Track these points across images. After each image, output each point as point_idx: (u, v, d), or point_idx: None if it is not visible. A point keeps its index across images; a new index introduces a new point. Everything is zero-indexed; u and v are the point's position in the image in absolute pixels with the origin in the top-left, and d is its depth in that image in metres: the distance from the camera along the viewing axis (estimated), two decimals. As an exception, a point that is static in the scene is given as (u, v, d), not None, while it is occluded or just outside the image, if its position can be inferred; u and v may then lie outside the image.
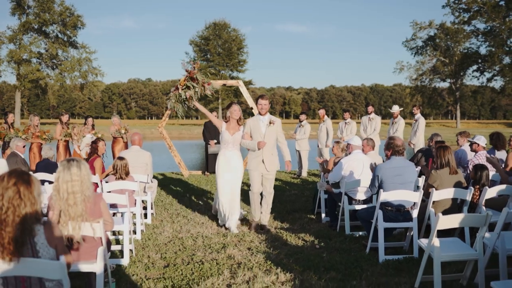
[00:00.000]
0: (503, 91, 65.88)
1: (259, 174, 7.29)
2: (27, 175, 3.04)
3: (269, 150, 7.23)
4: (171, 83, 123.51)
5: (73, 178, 3.85)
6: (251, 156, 7.34)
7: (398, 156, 5.90)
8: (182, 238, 6.77)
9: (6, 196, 2.93)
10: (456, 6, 64.04)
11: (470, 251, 4.60)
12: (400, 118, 13.28)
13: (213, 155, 14.13)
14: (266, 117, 7.30)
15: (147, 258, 5.76)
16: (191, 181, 12.81)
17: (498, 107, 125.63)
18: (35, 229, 2.97)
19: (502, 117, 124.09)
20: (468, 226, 5.09)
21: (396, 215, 5.74)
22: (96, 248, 4.04)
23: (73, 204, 3.82)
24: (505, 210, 4.29)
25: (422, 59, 70.23)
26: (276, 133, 7.33)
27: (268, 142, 7.18)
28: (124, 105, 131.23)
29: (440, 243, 4.46)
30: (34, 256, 2.94)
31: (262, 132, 7.22)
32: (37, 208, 3.01)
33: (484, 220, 4.35)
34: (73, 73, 58.83)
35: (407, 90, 75.80)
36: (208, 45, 69.72)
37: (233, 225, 7.19)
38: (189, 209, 8.95)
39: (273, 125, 7.26)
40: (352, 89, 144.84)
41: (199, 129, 34.87)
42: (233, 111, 7.35)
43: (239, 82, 14.58)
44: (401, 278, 4.99)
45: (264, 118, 7.30)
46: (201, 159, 21.46)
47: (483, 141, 7.46)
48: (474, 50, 66.56)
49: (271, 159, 7.26)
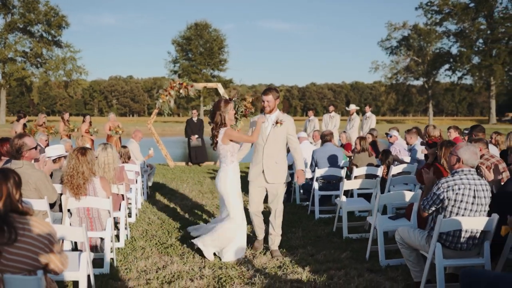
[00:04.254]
0: (472, 89, 69.08)
1: (259, 187, 6.02)
2: (84, 149, 5.23)
3: (272, 156, 5.88)
4: (153, 80, 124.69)
5: (108, 155, 6.07)
6: (251, 164, 6.08)
7: (329, 143, 8.17)
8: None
9: (72, 162, 5.13)
10: (429, 8, 66.88)
11: (368, 205, 6.89)
12: (356, 116, 15.56)
13: (195, 148, 16.39)
14: (273, 116, 5.96)
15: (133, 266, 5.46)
16: (176, 170, 14.96)
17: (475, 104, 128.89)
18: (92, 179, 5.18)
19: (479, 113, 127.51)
20: (364, 187, 7.32)
21: (327, 185, 8.03)
22: (119, 202, 6.22)
23: (107, 170, 6.03)
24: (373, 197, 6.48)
25: (396, 59, 73.19)
26: (286, 135, 5.96)
27: (272, 147, 5.89)
28: (105, 103, 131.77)
29: (348, 201, 6.74)
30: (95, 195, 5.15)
31: (265, 134, 5.91)
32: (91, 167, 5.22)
33: (374, 184, 6.62)
34: (58, 71, 60.30)
35: (382, 88, 78.64)
36: (190, 44, 71.73)
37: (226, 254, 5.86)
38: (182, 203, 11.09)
39: (281, 126, 5.88)
40: (332, 86, 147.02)
41: (181, 126, 36.88)
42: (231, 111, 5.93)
43: (218, 84, 16.72)
44: (328, 227, 7.26)
45: (271, 116, 5.96)
46: (184, 152, 23.50)
47: (396, 133, 9.79)
48: (446, 50, 69.64)
49: (274, 169, 5.90)
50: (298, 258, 5.87)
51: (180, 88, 15.02)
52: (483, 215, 4.39)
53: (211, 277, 5.18)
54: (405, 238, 4.78)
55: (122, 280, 5.08)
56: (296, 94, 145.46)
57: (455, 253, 4.42)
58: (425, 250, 4.56)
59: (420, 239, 4.62)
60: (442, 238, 4.39)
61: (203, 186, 11.71)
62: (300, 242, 6.49)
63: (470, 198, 4.33)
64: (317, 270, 5.38)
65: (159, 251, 6.15)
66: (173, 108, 15.68)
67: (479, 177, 4.46)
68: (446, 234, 4.37)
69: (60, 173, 5.83)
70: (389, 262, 5.52)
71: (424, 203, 4.54)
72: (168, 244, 6.43)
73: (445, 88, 76.42)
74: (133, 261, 5.70)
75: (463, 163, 4.42)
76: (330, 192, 8.13)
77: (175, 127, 53.49)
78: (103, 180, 5.46)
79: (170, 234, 6.98)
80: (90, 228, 5.35)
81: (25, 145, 5.10)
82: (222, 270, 5.38)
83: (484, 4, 61.14)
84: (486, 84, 64.14)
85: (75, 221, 5.36)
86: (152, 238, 6.76)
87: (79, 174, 5.19)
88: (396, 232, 4.93)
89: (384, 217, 6.10)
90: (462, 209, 4.34)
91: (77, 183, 5.18)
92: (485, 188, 4.41)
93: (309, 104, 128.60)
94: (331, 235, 6.93)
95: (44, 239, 2.86)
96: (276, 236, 6.09)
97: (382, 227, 5.64)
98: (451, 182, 4.37)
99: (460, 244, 4.39)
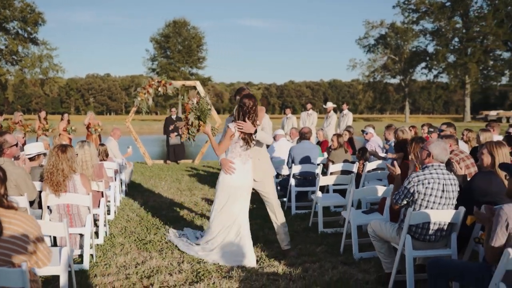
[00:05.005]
0: (448, 87, 70.24)
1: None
2: (64, 146, 5.29)
3: (255, 155, 5.73)
4: (131, 78, 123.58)
5: (85, 152, 6.11)
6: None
7: (306, 140, 8.34)
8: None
9: (52, 159, 5.18)
10: (406, 7, 67.74)
11: (343, 200, 7.07)
12: (332, 113, 15.79)
13: (173, 145, 16.43)
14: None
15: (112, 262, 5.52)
16: (154, 168, 14.98)
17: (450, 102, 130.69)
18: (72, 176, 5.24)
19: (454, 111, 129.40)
20: (339, 183, 7.51)
21: (304, 182, 8.20)
22: (98, 199, 6.28)
23: (85, 168, 6.07)
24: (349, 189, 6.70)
25: (374, 57, 73.99)
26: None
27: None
28: (82, 101, 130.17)
29: (324, 196, 6.91)
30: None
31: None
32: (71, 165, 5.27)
33: (349, 179, 6.80)
34: (34, 69, 59.47)
35: (360, 86, 79.41)
36: (168, 42, 71.41)
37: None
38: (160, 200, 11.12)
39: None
40: (311, 84, 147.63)
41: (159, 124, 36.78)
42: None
43: (197, 82, 16.81)
44: (304, 222, 7.43)
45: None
46: (162, 151, 23.49)
47: (371, 130, 10.02)
48: (422, 48, 70.69)
49: (260, 166, 5.79)
50: (274, 252, 6.02)
51: (158, 86, 15.05)
52: (451, 208, 4.59)
53: (189, 271, 5.30)
54: (377, 231, 4.96)
55: (102, 275, 5.16)
56: (275, 92, 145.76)
57: (424, 245, 4.61)
58: (395, 242, 4.75)
59: (391, 231, 4.81)
60: (412, 230, 4.57)
61: (181, 183, 11.78)
62: (276, 237, 6.63)
63: (439, 192, 4.52)
64: (293, 263, 5.54)
65: (138, 247, 6.23)
66: (151, 106, 15.69)
67: (448, 172, 4.66)
68: (416, 226, 4.56)
69: (39, 171, 5.88)
70: (362, 255, 5.71)
71: (396, 197, 4.72)
72: (147, 240, 6.52)
73: (421, 86, 77.40)
74: (112, 257, 5.78)
75: (433, 158, 4.61)
76: (307, 188, 8.31)
77: (153, 125, 53.17)
78: (83, 177, 5.53)
79: (149, 230, 7.06)
80: (70, 225, 5.41)
81: (6, 142, 5.14)
82: (201, 265, 5.50)
83: (460, 3, 62.24)
84: (461, 83, 65.23)
85: (55, 217, 5.42)
86: (131, 235, 6.83)
87: (59, 171, 5.24)
88: (368, 225, 5.11)
89: (358, 211, 6.29)
90: (431, 202, 4.52)
91: (56, 180, 5.23)
92: (453, 183, 4.61)
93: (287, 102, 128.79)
94: (307, 230, 7.10)
95: (29, 233, 2.95)
96: (283, 235, 5.92)
97: (356, 221, 5.83)
98: (421, 176, 4.55)
99: (429, 236, 4.58)
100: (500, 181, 4.78)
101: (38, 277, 3.24)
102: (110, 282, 4.95)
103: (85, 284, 4.89)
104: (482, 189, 4.86)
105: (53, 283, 4.79)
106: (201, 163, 16.51)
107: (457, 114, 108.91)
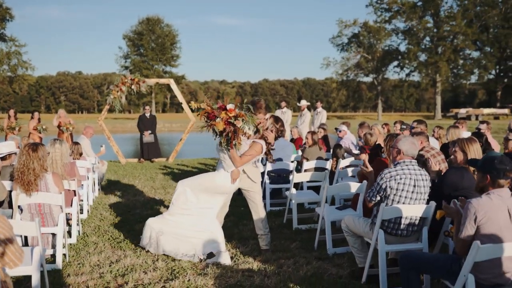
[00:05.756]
0: (419, 86, 71.43)
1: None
2: (35, 145, 5.20)
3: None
4: (103, 76, 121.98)
5: (56, 151, 6.02)
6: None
7: (280, 138, 8.34)
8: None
9: (23, 158, 5.09)
10: (378, 6, 68.68)
11: (317, 196, 7.13)
12: (306, 111, 15.87)
13: (147, 144, 16.30)
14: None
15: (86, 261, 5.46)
16: (128, 167, 14.85)
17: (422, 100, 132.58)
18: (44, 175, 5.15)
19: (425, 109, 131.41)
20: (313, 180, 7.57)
21: (278, 179, 8.25)
22: (71, 198, 6.20)
23: (55, 167, 5.98)
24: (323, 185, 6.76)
25: (347, 55, 74.72)
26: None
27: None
28: (53, 99, 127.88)
29: (298, 193, 6.96)
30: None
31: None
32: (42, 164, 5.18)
33: (323, 176, 6.87)
34: (2, 66, 58.18)
35: (334, 84, 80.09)
36: (142, 40, 70.76)
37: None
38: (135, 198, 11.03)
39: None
40: (285, 82, 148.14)
41: (133, 122, 36.44)
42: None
43: (170, 80, 16.68)
44: (278, 219, 7.47)
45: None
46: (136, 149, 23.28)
47: (345, 128, 10.14)
48: (395, 47, 71.77)
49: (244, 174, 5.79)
50: (249, 249, 6.04)
51: (131, 84, 14.90)
52: (423, 203, 4.68)
53: (164, 269, 5.28)
54: (350, 226, 5.03)
55: (75, 274, 5.10)
56: (249, 90, 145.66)
57: (396, 239, 4.69)
58: (368, 237, 4.82)
59: (364, 226, 4.89)
60: (384, 225, 4.65)
61: (155, 182, 11.71)
62: (251, 234, 6.63)
63: (410, 187, 4.62)
64: (268, 259, 5.58)
65: (112, 246, 6.18)
66: (124, 104, 15.54)
67: (420, 168, 4.76)
68: (388, 221, 4.64)
69: (9, 170, 5.77)
70: (336, 250, 5.78)
71: (369, 194, 4.79)
72: (121, 239, 6.47)
73: (394, 84, 78.53)
74: (86, 256, 5.72)
75: (403, 154, 4.71)
76: (281, 185, 8.34)
77: (126, 123, 52.59)
78: (56, 176, 5.45)
79: (123, 229, 7.00)
80: (42, 224, 5.33)
81: None
82: (175, 262, 5.48)
83: (431, 3, 63.39)
84: (432, 81, 66.45)
85: (26, 217, 5.33)
86: (105, 234, 6.77)
87: (30, 170, 5.15)
88: (342, 221, 5.18)
89: (332, 207, 6.36)
90: (403, 198, 4.61)
91: (28, 179, 5.14)
92: (424, 178, 4.71)
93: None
94: (282, 226, 7.15)
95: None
96: (265, 235, 5.88)
97: (329, 217, 5.90)
98: (393, 172, 4.64)
99: (401, 230, 4.67)
100: (471, 176, 4.91)
101: (9, 277, 3.19)
102: (83, 282, 4.90)
103: (58, 284, 4.83)
104: (454, 184, 5.00)
105: (25, 283, 4.72)
106: (175, 161, 16.43)
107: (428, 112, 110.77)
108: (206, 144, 8.23)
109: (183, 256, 5.54)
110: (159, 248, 5.63)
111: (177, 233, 5.59)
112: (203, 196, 5.61)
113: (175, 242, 5.57)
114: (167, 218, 5.70)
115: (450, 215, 3.95)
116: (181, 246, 5.56)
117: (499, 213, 3.50)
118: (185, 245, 5.55)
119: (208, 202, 5.63)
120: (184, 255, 5.54)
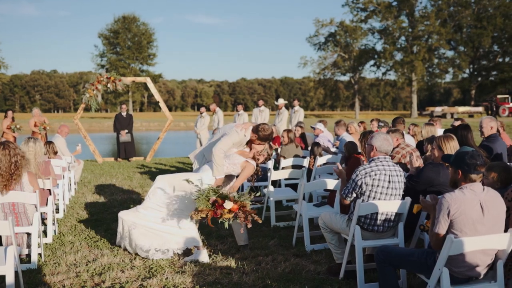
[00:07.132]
0: (395, 85, 72.27)
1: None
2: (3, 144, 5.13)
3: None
4: (79, 75, 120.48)
5: (29, 149, 5.93)
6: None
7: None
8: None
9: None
10: (354, 6, 69.12)
11: (294, 194, 7.17)
12: (284, 110, 15.92)
13: (124, 143, 16.15)
14: None
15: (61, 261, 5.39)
16: (105, 166, 14.70)
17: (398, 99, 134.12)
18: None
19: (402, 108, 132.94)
20: (291, 177, 7.62)
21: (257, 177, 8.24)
22: (46, 197, 6.11)
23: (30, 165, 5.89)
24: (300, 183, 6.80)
25: (324, 55, 75.08)
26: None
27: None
28: (27, 98, 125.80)
29: (276, 191, 6.99)
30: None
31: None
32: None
33: (300, 174, 6.91)
34: (-26, 65, 57.08)
35: (311, 83, 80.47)
36: (118, 38, 70.05)
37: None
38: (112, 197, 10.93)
39: None
40: (262, 81, 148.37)
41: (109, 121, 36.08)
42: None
43: (147, 79, 16.54)
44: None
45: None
46: (113, 149, 23.07)
47: (320, 126, 10.21)
48: (371, 46, 72.35)
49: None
50: (227, 246, 6.05)
51: (107, 83, 14.75)
52: (398, 199, 4.75)
53: (142, 267, 5.25)
54: (327, 222, 5.08)
55: (51, 274, 5.04)
56: (227, 89, 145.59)
57: (373, 235, 4.75)
58: (345, 233, 4.87)
59: (341, 223, 4.94)
60: (361, 221, 4.71)
61: (132, 181, 11.62)
62: (229, 232, 6.62)
63: (385, 183, 4.68)
64: (246, 257, 5.59)
65: (88, 245, 6.12)
66: (100, 103, 15.37)
67: (394, 164, 4.82)
68: (364, 217, 4.70)
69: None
70: (314, 247, 5.83)
71: (345, 191, 4.84)
72: (97, 238, 6.41)
73: (370, 83, 79.26)
74: (62, 255, 5.65)
75: (377, 150, 4.77)
76: (259, 183, 8.36)
77: (103, 122, 52.06)
78: (31, 174, 5.36)
79: (100, 228, 6.94)
80: (16, 224, 5.25)
81: None
82: (153, 261, 5.46)
83: (406, 3, 64.15)
84: (408, 80, 67.26)
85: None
86: (81, 233, 6.69)
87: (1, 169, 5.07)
88: (319, 217, 5.22)
89: (309, 204, 6.41)
90: (378, 193, 4.67)
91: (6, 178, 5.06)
92: (399, 174, 4.78)
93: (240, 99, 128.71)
94: (260, 224, 7.15)
95: None
96: (242, 231, 5.68)
97: (307, 214, 5.94)
98: (368, 169, 4.69)
99: (377, 226, 4.73)
100: (447, 172, 5.00)
101: None
102: (59, 281, 4.85)
103: (33, 284, 4.76)
104: (430, 179, 5.11)
105: (-1, 284, 4.64)
106: (153, 160, 16.32)
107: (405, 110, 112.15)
108: (184, 143, 8.17)
109: (156, 251, 5.50)
110: (132, 242, 5.57)
111: (150, 227, 5.55)
112: (182, 195, 5.58)
113: (148, 236, 5.53)
114: (140, 211, 5.65)
115: (427, 209, 4.01)
116: (154, 241, 5.52)
117: (472, 207, 3.57)
118: (158, 240, 5.52)
119: (184, 203, 5.58)
120: (157, 250, 5.51)
